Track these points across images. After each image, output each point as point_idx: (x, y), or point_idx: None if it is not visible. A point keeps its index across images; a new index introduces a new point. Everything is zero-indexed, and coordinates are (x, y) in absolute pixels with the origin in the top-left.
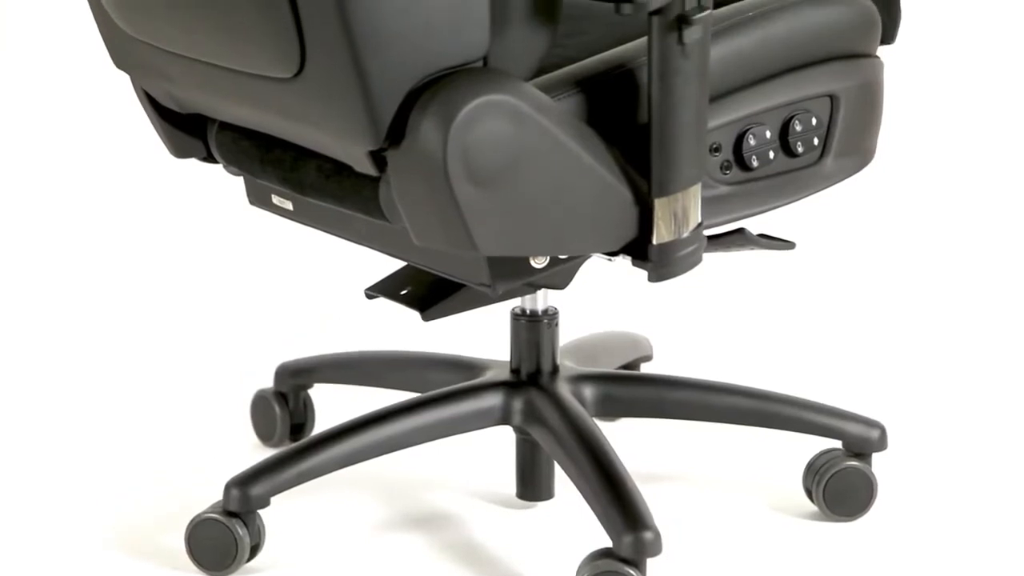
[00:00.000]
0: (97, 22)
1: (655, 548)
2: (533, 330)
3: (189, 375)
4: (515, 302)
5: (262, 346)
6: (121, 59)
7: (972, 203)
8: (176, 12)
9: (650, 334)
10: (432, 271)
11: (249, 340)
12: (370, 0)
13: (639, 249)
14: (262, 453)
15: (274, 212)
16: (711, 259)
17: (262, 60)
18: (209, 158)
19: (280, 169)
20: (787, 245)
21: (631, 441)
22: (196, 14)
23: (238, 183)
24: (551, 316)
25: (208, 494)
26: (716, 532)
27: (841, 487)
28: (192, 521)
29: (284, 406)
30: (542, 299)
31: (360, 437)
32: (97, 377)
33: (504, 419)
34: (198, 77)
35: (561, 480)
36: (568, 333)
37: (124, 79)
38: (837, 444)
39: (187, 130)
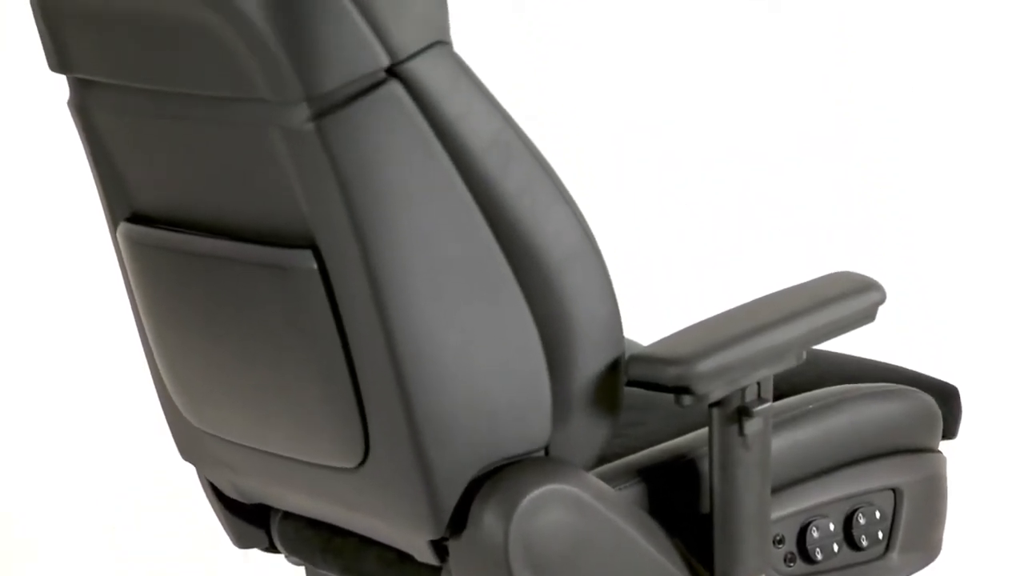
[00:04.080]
0: (165, 415)
1: None
2: None
3: None
4: None
5: None
6: (187, 451)
7: None
8: (244, 406)
9: None
10: None
11: None
12: (434, 392)
13: None
14: None
15: None
16: None
17: (327, 451)
18: (271, 548)
19: (341, 559)
20: None
21: None
22: (264, 407)
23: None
24: None
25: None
26: None
27: None
28: None
29: None
30: None
31: None
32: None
33: None
34: (263, 467)
35: None
36: None
37: None
38: None
39: (250, 520)
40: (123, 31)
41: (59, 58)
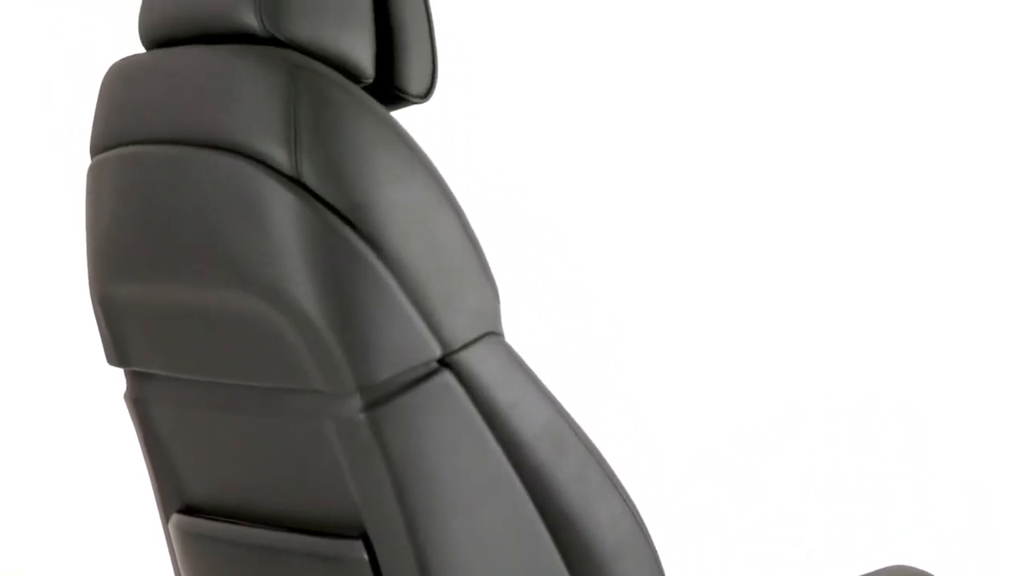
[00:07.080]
0: None
1: None
2: None
3: None
4: None
5: None
6: None
7: None
8: None
9: None
10: None
11: None
12: None
13: None
14: None
15: None
16: None
17: None
18: None
19: None
20: None
21: None
22: None
23: None
24: None
25: None
26: None
27: None
28: None
29: None
30: None
31: None
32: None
33: None
34: None
35: None
36: None
37: None
38: None
39: None
40: (180, 325)
41: (118, 354)
